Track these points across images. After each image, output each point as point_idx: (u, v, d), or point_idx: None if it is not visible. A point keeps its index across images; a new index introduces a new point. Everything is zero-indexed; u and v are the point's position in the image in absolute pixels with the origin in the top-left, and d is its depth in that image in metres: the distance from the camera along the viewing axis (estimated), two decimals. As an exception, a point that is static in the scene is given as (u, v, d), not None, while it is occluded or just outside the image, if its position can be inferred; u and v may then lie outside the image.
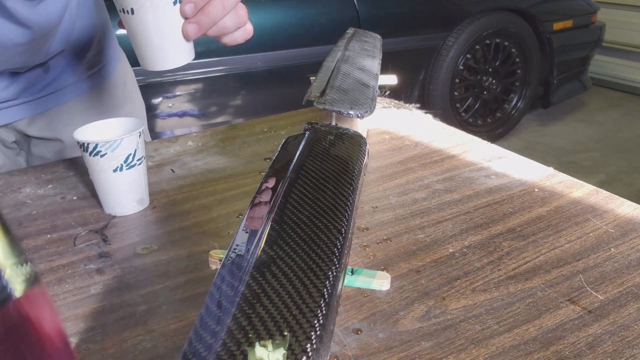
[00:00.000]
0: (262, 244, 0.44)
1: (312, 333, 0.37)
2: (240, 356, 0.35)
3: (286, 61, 2.25)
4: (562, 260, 0.58)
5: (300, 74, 2.07)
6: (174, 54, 0.58)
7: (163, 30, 0.56)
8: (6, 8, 0.66)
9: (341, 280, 0.45)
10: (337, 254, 0.45)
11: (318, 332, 0.37)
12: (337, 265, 0.43)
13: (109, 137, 0.69)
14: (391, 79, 0.93)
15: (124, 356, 0.47)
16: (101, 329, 0.51)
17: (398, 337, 0.48)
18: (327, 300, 0.40)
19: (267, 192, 0.52)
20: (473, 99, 2.89)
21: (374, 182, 0.76)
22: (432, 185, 0.75)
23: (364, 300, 0.53)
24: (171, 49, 0.57)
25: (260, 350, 0.35)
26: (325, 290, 0.40)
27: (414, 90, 2.67)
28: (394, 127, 0.95)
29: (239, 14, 0.59)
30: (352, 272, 0.55)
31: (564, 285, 0.55)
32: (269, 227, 0.46)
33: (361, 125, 0.78)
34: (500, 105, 3.01)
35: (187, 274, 0.58)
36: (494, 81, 2.91)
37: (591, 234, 0.63)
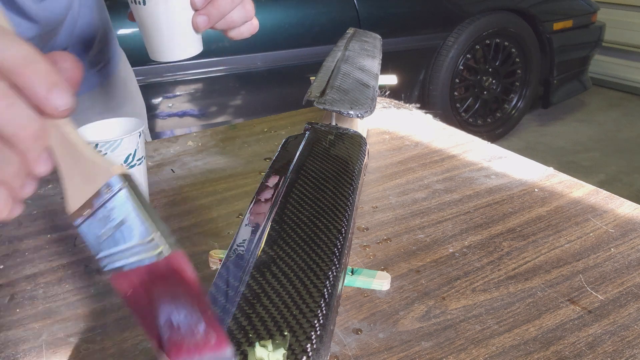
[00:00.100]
0: (262, 244, 0.44)
1: (312, 333, 0.37)
2: (240, 356, 0.35)
3: (286, 61, 2.25)
4: (562, 260, 0.59)
5: (300, 74, 2.07)
6: (183, 45, 0.59)
7: (174, 21, 0.56)
8: (15, 2, 0.67)
9: (341, 280, 0.45)
10: (337, 254, 0.45)
11: (318, 332, 0.37)
12: (337, 265, 0.44)
13: (109, 137, 0.69)
14: (391, 79, 0.93)
15: (124, 356, 0.47)
16: (101, 329, 0.51)
17: (398, 337, 0.48)
18: (327, 300, 0.40)
19: (267, 192, 0.52)
20: (473, 99, 2.89)
21: (374, 182, 0.76)
22: (432, 185, 0.75)
23: (364, 300, 0.53)
24: (181, 40, 0.58)
25: (260, 350, 0.35)
26: (325, 290, 0.40)
27: (414, 90, 2.67)
28: (394, 127, 0.95)
29: (246, 8, 0.60)
30: (352, 272, 0.55)
31: (564, 285, 0.55)
32: (269, 227, 0.46)
33: (361, 125, 0.78)
34: (500, 105, 3.01)
35: (187, 274, 0.58)
36: (494, 81, 2.91)
37: (591, 234, 0.63)
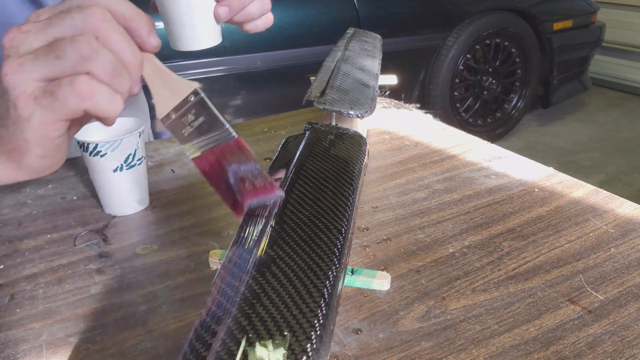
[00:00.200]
0: (262, 244, 0.44)
1: (312, 333, 0.37)
2: (241, 356, 0.35)
3: (286, 61, 2.25)
4: (562, 260, 0.58)
5: (300, 74, 2.06)
6: (204, 35, 0.60)
7: (196, 10, 0.57)
8: (37, 1, 0.68)
9: (341, 280, 0.45)
10: (337, 254, 0.45)
11: (318, 332, 0.37)
12: (337, 265, 0.43)
13: (109, 137, 0.69)
14: (391, 79, 0.93)
15: (124, 356, 0.47)
16: (101, 329, 0.51)
17: (398, 337, 0.48)
18: (327, 300, 0.40)
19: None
20: (473, 99, 2.89)
21: (374, 182, 0.76)
22: (432, 185, 0.75)
23: (364, 300, 0.53)
24: (203, 30, 0.59)
25: (260, 350, 0.35)
26: (325, 290, 0.40)
27: (414, 90, 2.67)
28: (394, 127, 0.95)
29: (264, 1, 0.61)
30: (352, 272, 0.55)
31: (564, 285, 0.55)
32: (269, 227, 0.46)
33: (361, 125, 0.78)
34: (500, 105, 3.01)
35: (187, 274, 0.58)
36: (494, 81, 2.91)
37: (591, 234, 0.63)
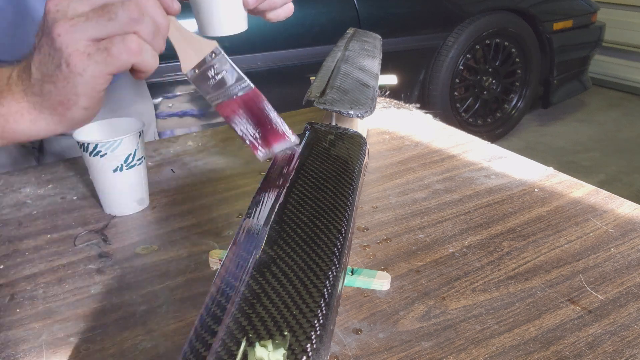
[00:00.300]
0: (262, 244, 0.44)
1: (312, 333, 0.37)
2: (241, 356, 0.35)
3: (286, 61, 2.25)
4: (562, 260, 0.58)
5: (300, 74, 2.06)
6: (233, 21, 0.61)
7: None
8: None
9: (341, 280, 0.45)
10: (337, 254, 0.45)
11: (318, 332, 0.37)
12: (337, 265, 0.43)
13: (109, 137, 0.69)
14: (391, 79, 0.93)
15: (124, 356, 0.47)
16: (101, 329, 0.51)
17: (398, 337, 0.48)
18: (327, 300, 0.40)
19: (267, 192, 0.52)
20: (473, 99, 2.89)
21: (374, 182, 0.76)
22: (432, 185, 0.75)
23: (364, 300, 0.53)
24: (231, 16, 0.61)
25: (260, 350, 0.35)
26: (325, 290, 0.40)
27: (414, 90, 2.67)
28: (394, 127, 0.95)
29: None
30: (352, 272, 0.55)
31: (564, 285, 0.55)
32: (269, 226, 0.46)
33: (361, 125, 0.78)
34: (500, 105, 3.01)
35: (187, 274, 0.58)
36: (494, 81, 2.91)
37: (591, 234, 0.63)
